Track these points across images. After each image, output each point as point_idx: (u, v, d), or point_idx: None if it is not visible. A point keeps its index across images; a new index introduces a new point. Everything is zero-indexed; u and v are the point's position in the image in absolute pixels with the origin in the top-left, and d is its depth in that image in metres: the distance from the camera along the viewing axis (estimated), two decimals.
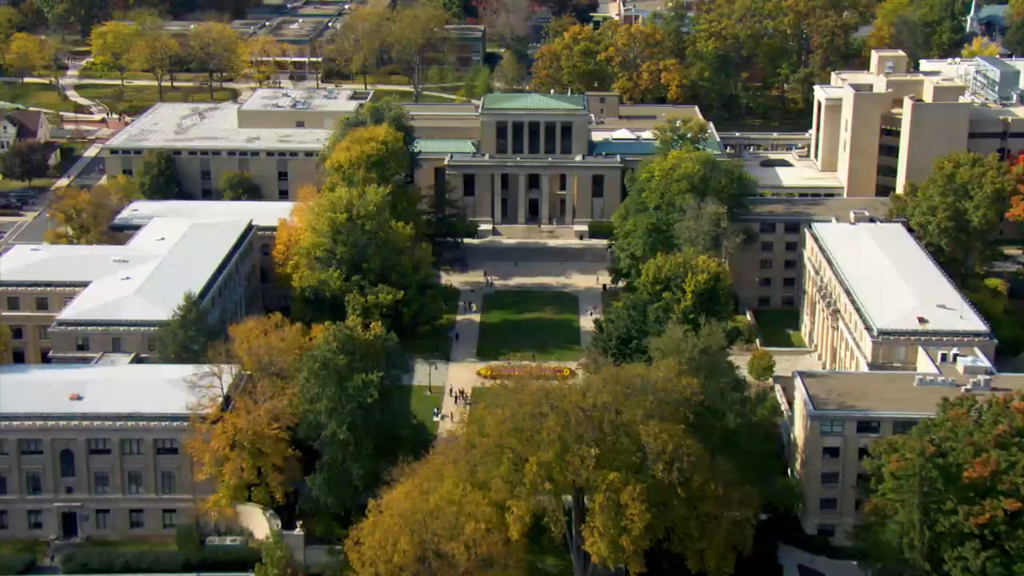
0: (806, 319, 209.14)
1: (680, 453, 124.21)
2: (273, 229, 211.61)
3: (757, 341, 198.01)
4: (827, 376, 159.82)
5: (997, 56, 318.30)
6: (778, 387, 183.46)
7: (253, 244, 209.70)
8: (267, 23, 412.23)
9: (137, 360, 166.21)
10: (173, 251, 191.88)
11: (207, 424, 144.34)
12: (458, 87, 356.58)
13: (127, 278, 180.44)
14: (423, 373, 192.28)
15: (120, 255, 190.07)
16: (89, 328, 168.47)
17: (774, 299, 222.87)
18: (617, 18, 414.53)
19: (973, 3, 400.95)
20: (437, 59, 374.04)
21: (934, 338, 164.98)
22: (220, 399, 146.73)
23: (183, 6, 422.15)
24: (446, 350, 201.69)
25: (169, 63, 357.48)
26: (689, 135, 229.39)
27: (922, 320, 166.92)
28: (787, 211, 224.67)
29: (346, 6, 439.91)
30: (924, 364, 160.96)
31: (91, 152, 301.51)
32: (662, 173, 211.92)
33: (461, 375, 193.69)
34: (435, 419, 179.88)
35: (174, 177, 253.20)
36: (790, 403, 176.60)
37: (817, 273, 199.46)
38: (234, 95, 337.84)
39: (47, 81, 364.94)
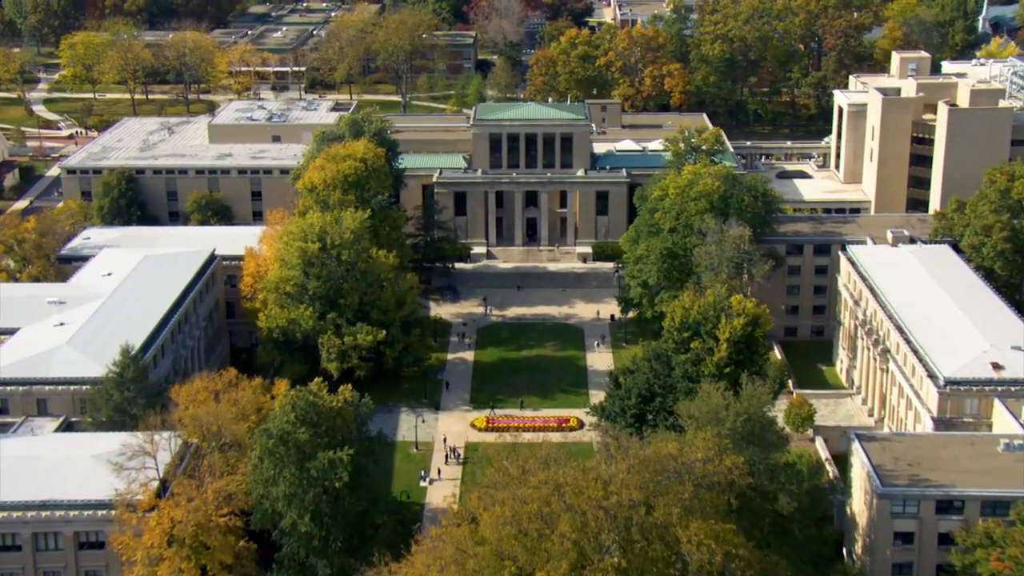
0: (842, 354, 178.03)
1: (732, 568, 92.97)
2: (241, 258, 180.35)
3: (790, 382, 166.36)
4: (890, 439, 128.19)
5: (1017, 55, 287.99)
6: (819, 440, 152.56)
7: (216, 276, 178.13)
8: (249, 32, 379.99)
9: (66, 426, 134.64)
10: (119, 289, 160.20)
11: (138, 514, 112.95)
12: (449, 96, 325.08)
13: (61, 324, 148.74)
14: (408, 426, 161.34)
15: (57, 295, 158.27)
16: (8, 388, 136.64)
17: (802, 329, 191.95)
18: (613, 22, 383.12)
19: (986, 2, 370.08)
20: (426, 67, 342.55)
21: (1013, 388, 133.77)
22: (155, 483, 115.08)
23: (162, 16, 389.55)
24: (435, 397, 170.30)
25: (143, 74, 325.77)
26: (704, 147, 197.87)
27: (997, 366, 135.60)
28: (815, 231, 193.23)
29: (332, 14, 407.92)
30: (1003, 421, 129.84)
31: (54, 171, 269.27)
32: (677, 191, 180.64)
33: (452, 427, 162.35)
34: (422, 484, 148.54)
35: (136, 199, 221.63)
36: (835, 459, 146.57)
37: (856, 303, 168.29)
38: (211, 107, 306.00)
39: (15, 95, 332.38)
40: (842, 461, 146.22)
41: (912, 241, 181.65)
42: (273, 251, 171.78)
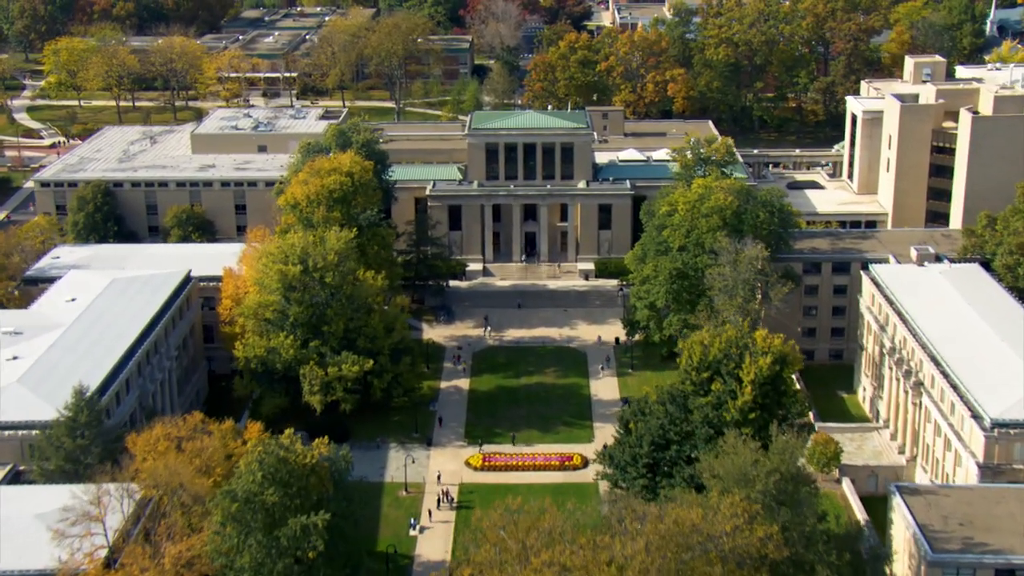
0: (864, 381, 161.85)
1: None
2: (219, 279, 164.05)
3: (811, 414, 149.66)
4: (935, 492, 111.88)
5: None
6: (846, 481, 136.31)
7: (191, 300, 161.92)
8: (241, 37, 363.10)
9: (13, 476, 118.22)
10: (82, 317, 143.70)
11: None
12: (444, 102, 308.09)
13: (14, 358, 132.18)
14: (397, 464, 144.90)
15: (13, 324, 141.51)
16: None
17: (819, 353, 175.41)
18: (612, 26, 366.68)
19: (994, 5, 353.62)
20: (421, 72, 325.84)
21: None
22: (103, 551, 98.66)
23: (153, 21, 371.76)
24: (426, 432, 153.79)
25: (130, 81, 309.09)
26: (714, 158, 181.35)
27: None
28: (833, 247, 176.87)
29: (326, 18, 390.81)
30: None
31: (32, 183, 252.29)
32: (687, 206, 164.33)
33: (445, 465, 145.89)
34: (412, 532, 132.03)
35: (113, 213, 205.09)
36: (863, 500, 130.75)
37: (882, 329, 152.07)
38: (199, 115, 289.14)
39: None
40: (872, 504, 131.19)
41: (938, 259, 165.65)
42: (252, 272, 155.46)
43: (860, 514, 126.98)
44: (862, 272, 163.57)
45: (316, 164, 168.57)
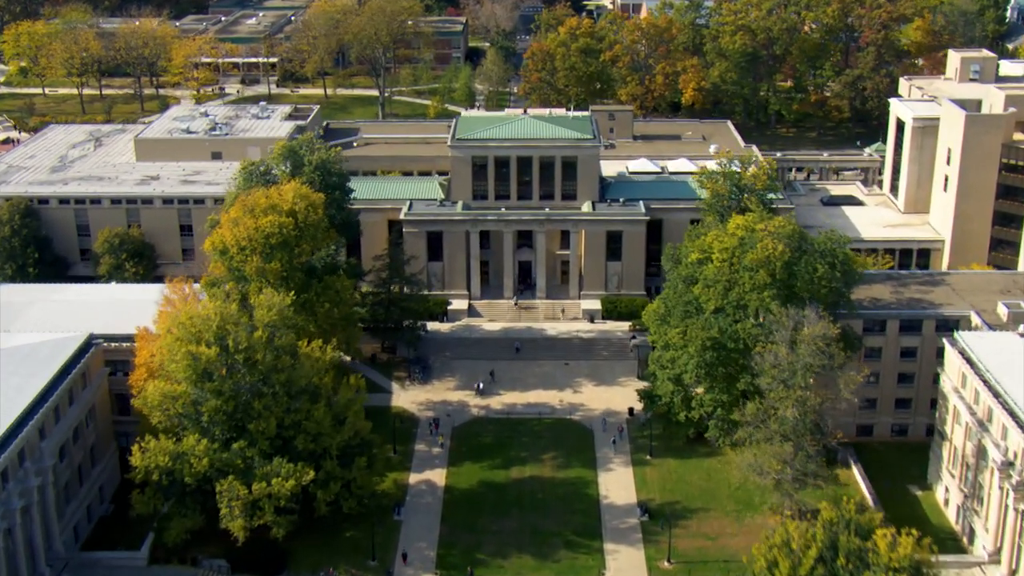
0: (947, 480, 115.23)
1: None
2: (133, 339, 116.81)
3: None
4: None
5: None
6: None
7: (92, 374, 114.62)
8: (224, 18, 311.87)
9: None
10: None
11: None
12: (434, 90, 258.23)
13: None
14: None
15: None
16: None
17: (879, 428, 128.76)
18: (614, 8, 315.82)
19: None
20: (411, 57, 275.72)
21: None
22: None
23: (136, 1, 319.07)
24: (387, 560, 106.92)
25: (96, 68, 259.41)
26: (755, 185, 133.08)
27: None
28: (897, 298, 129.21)
29: None
30: None
31: None
32: (723, 254, 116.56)
33: None
34: None
35: (37, 236, 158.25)
36: None
37: (982, 426, 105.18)
38: (165, 105, 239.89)
39: None
40: None
41: None
42: (163, 347, 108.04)
43: None
44: (945, 341, 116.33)
45: (250, 199, 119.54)
